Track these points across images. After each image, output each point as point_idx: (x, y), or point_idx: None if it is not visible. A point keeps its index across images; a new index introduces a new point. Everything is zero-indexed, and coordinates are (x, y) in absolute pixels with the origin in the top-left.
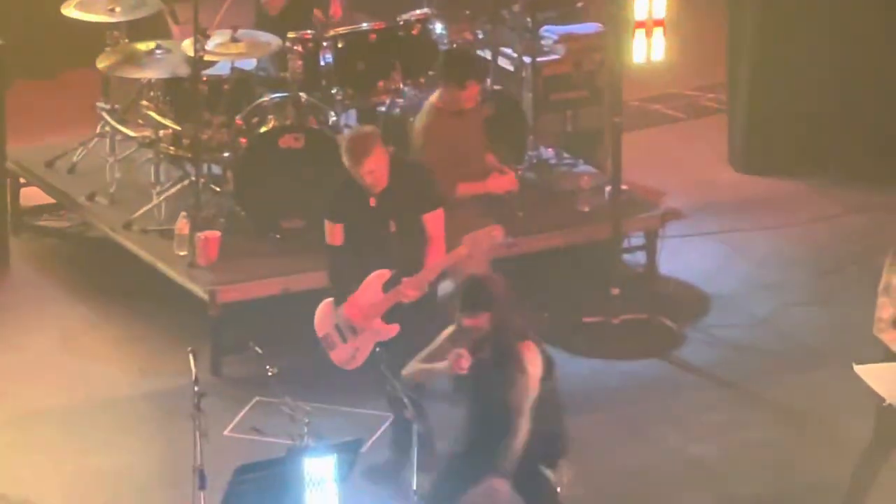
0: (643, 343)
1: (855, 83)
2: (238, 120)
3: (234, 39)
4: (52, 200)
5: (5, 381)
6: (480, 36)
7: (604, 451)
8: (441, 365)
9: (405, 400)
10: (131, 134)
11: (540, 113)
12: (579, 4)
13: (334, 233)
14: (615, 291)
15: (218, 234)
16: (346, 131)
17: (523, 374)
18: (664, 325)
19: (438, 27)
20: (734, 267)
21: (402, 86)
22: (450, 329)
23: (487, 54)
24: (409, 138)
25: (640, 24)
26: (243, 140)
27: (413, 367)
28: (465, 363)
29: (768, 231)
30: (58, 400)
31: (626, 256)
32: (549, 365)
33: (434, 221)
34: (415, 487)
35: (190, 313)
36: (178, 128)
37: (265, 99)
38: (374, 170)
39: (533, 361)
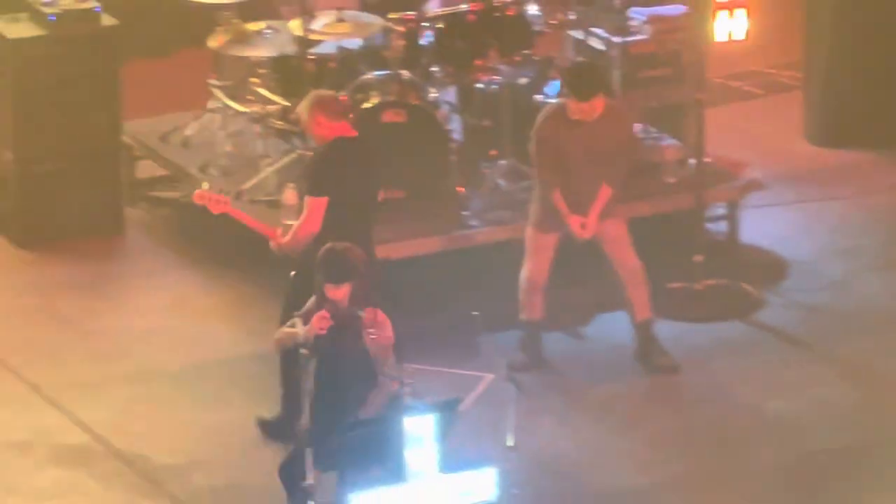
0: (724, 307)
1: None
2: (343, 96)
3: (340, 20)
4: (165, 172)
5: (123, 341)
6: (573, 17)
7: (686, 408)
8: (302, 329)
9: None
10: (241, 109)
11: (627, 90)
12: None
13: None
14: (698, 258)
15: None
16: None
17: (375, 337)
18: (744, 289)
19: (533, 8)
20: (811, 234)
21: (498, 64)
22: (313, 298)
23: (579, 34)
24: (502, 114)
25: (723, 6)
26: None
27: (278, 333)
28: (325, 324)
29: (843, 200)
30: (171, 359)
31: (708, 225)
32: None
33: None
34: (511, 444)
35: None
36: (286, 103)
37: (368, 76)
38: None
39: (384, 325)
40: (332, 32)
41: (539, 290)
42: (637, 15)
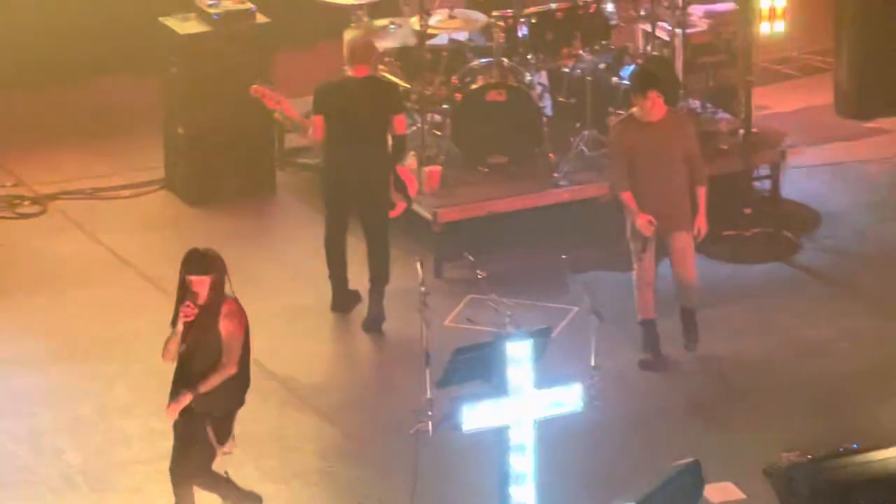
0: (769, 251)
1: None
2: (454, 79)
3: (451, 17)
4: (308, 143)
5: (275, 282)
6: (642, 13)
7: (735, 335)
8: (178, 325)
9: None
10: None
11: (688, 73)
12: None
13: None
14: (747, 211)
15: (439, 168)
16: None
17: (228, 324)
18: (786, 236)
19: (610, 6)
20: (840, 191)
21: (581, 52)
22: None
23: (648, 27)
24: (585, 93)
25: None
26: (458, 95)
27: (172, 341)
28: (191, 312)
29: (866, 162)
30: (314, 298)
31: (756, 183)
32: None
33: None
34: (593, 364)
35: (418, 230)
36: (408, 86)
37: (475, 63)
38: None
39: (235, 315)
40: (445, 27)
41: (649, 288)
42: (696, 10)
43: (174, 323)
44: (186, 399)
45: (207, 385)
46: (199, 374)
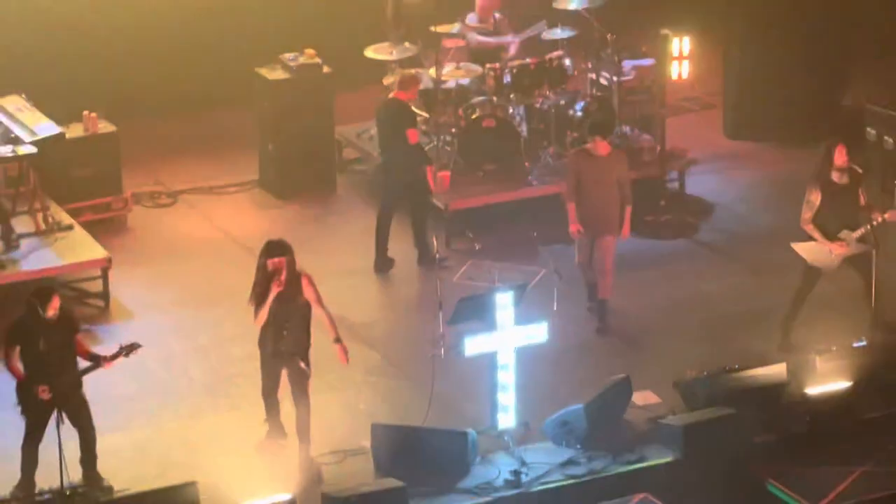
0: (677, 231)
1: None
2: (460, 111)
3: (458, 68)
4: (359, 155)
5: (336, 252)
6: (590, 66)
7: (648, 290)
8: (274, 290)
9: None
10: None
11: (621, 107)
12: (643, 49)
13: (413, 134)
14: (662, 203)
15: (449, 172)
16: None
17: (311, 290)
18: (689, 221)
19: (567, 61)
20: (727, 190)
21: (548, 93)
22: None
23: (593, 75)
24: (550, 121)
25: (675, 58)
26: (462, 122)
27: (261, 313)
28: (281, 283)
29: (747, 170)
30: (363, 262)
31: (668, 184)
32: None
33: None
34: (555, 309)
35: (434, 216)
36: (428, 115)
37: (475, 100)
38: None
39: (312, 282)
40: (453, 75)
41: (587, 267)
42: (626, 65)
43: (259, 299)
44: (342, 348)
45: (336, 328)
46: (295, 328)
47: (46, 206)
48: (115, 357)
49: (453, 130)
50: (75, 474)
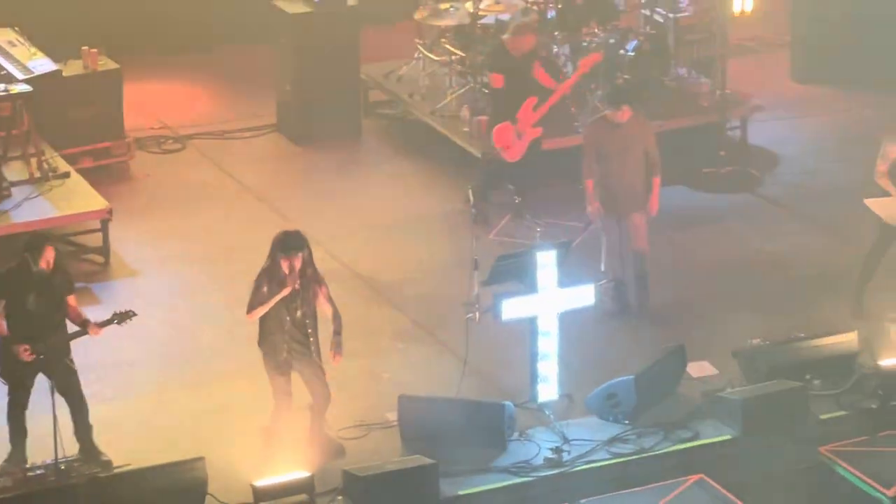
0: (738, 184)
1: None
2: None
3: (497, 2)
4: (387, 97)
5: (360, 204)
6: (643, 1)
7: (710, 249)
8: (284, 291)
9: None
10: (435, 58)
11: (677, 47)
12: None
13: (497, 79)
14: (722, 153)
15: (486, 117)
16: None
17: (324, 287)
18: (751, 173)
19: None
20: (793, 139)
21: (596, 30)
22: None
23: (647, 12)
24: (604, 66)
25: None
26: None
27: (260, 309)
28: (296, 282)
29: (814, 117)
30: (391, 216)
31: (728, 132)
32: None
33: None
34: (603, 269)
35: (469, 166)
36: (463, 54)
37: None
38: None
39: (323, 285)
40: (492, 10)
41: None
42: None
43: (263, 298)
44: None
45: (341, 325)
46: (312, 324)
47: (41, 150)
48: (105, 324)
49: None
50: (72, 447)
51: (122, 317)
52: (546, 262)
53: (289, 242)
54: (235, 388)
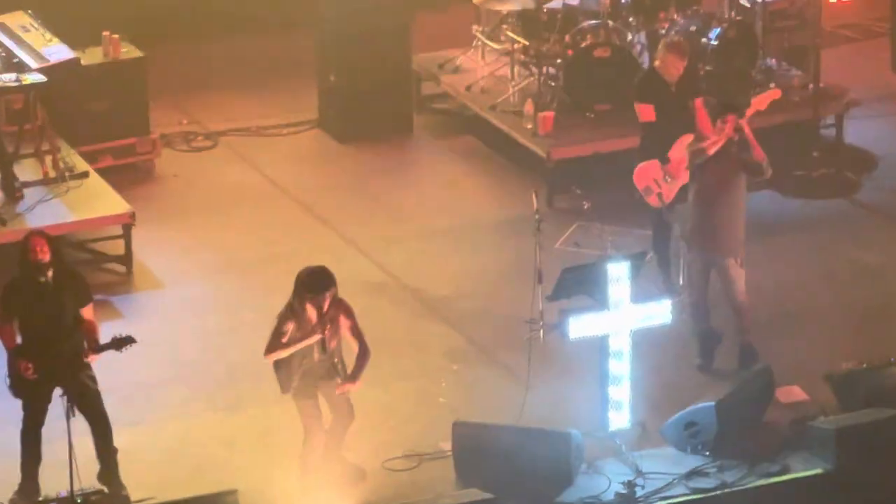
0: (833, 189)
1: None
2: (566, 38)
3: None
4: (442, 91)
5: (412, 209)
6: None
7: (802, 260)
8: (312, 339)
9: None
10: (496, 46)
11: (766, 35)
12: None
13: (646, 111)
14: (815, 154)
15: (552, 113)
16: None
17: (350, 321)
18: (847, 176)
19: None
20: (895, 138)
21: (675, 16)
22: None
23: None
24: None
25: None
26: (570, 51)
27: (281, 352)
28: (325, 332)
29: None
30: (446, 222)
31: (822, 131)
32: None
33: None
34: (681, 282)
35: (532, 167)
36: (527, 43)
37: (585, 24)
38: (676, 70)
39: (349, 308)
40: None
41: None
42: None
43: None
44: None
45: (363, 372)
46: (338, 352)
47: (57, 147)
48: (101, 350)
49: (558, 61)
50: (89, 476)
51: (121, 343)
52: (618, 274)
53: (316, 282)
54: (270, 412)
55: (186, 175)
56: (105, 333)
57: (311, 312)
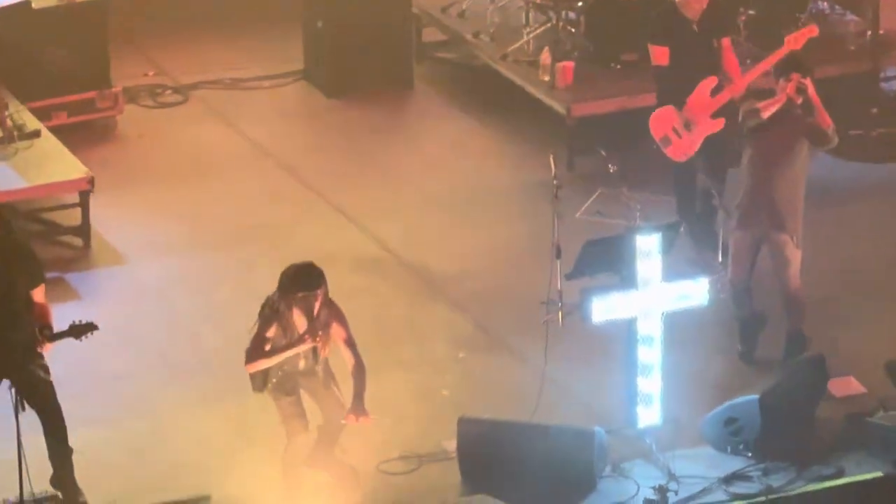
0: (893, 150)
1: None
2: None
3: None
4: (446, 38)
5: (412, 174)
6: None
7: (862, 234)
8: (302, 346)
9: (714, 192)
10: None
11: None
12: None
13: (660, 54)
14: (874, 111)
15: (572, 63)
16: None
17: (342, 329)
18: None
19: None
20: None
21: None
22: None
23: None
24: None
25: None
26: None
27: (265, 363)
28: (317, 337)
29: None
30: (449, 190)
31: (883, 84)
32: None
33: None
34: (720, 260)
35: (550, 125)
36: None
37: None
38: (698, 4)
39: (341, 314)
40: None
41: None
42: None
43: (267, 354)
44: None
45: (364, 382)
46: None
47: (4, 103)
48: (56, 338)
49: (579, 4)
50: (41, 480)
51: (80, 330)
52: (648, 248)
53: (306, 280)
54: (249, 407)
55: (152, 135)
56: (59, 317)
57: (299, 316)
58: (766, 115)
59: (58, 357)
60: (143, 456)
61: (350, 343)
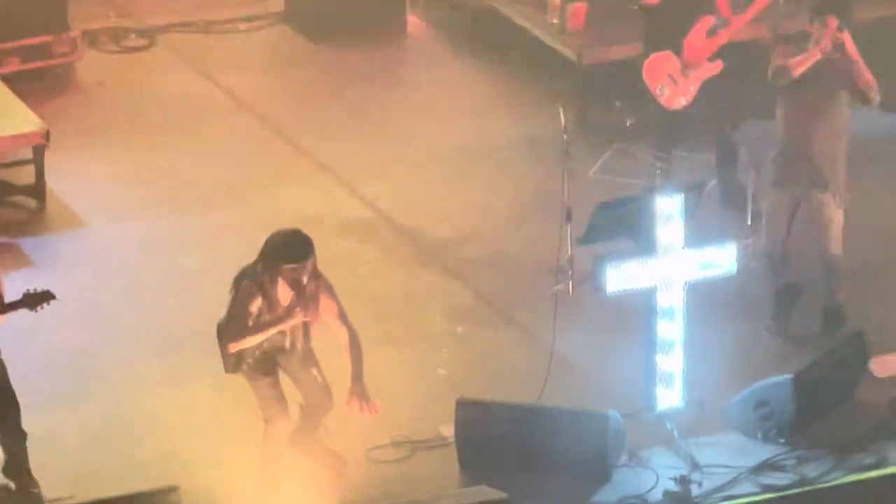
0: None
1: None
2: None
3: None
4: None
5: (404, 127)
6: None
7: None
8: (291, 321)
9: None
10: None
11: None
12: None
13: None
14: None
15: (585, 4)
16: None
17: (332, 303)
18: None
19: None
20: None
21: None
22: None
23: None
24: None
25: None
26: None
27: (249, 341)
28: (305, 314)
29: None
30: (447, 144)
31: None
32: None
33: None
34: (749, 222)
35: (559, 73)
36: None
37: None
38: None
39: (330, 287)
40: None
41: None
42: None
43: (250, 332)
44: (371, 406)
45: (361, 361)
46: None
47: None
48: (9, 308)
49: None
50: None
51: (36, 300)
52: (668, 211)
53: (294, 249)
54: (223, 386)
55: (115, 83)
56: (11, 286)
57: (283, 289)
58: (797, 72)
59: (9, 331)
60: (104, 442)
61: (342, 316)
